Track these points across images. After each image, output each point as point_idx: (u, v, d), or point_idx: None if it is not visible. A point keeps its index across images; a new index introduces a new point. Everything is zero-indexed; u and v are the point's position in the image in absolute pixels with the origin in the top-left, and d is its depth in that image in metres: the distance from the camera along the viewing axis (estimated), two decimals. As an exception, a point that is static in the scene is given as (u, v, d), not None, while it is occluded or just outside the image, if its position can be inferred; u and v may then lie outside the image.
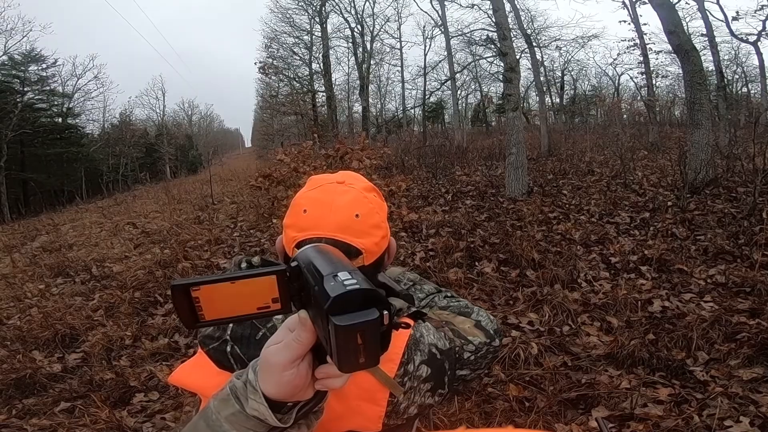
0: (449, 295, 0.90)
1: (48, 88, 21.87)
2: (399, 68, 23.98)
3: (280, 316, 0.63)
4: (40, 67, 21.35)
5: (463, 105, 26.62)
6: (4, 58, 19.19)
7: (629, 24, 13.62)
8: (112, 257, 5.87)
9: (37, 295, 4.60)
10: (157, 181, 25.93)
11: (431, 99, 24.21)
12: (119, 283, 4.54)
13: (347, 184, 0.70)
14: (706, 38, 12.51)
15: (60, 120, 22.65)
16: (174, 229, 7.07)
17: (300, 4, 17.80)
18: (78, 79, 22.89)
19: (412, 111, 24.61)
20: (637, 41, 13.85)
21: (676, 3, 8.78)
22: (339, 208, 0.66)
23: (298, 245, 0.65)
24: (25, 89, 20.66)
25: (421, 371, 0.66)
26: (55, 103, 22.59)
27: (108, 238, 7.51)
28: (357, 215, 0.66)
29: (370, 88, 20.72)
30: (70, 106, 23.15)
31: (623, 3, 13.57)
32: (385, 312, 0.40)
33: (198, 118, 41.93)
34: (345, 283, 0.40)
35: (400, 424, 0.67)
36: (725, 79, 14.23)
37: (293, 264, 0.46)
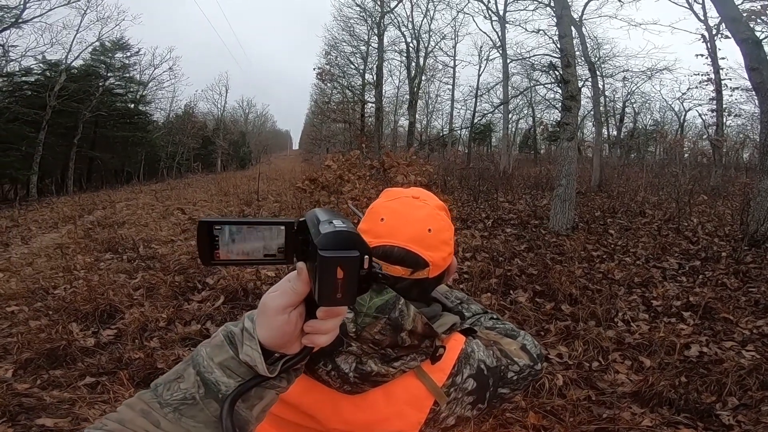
0: (495, 317, 0.92)
1: (128, 75, 23.64)
2: (450, 86, 24.03)
3: None
4: (124, 55, 23.15)
5: (513, 129, 26.18)
6: (97, 44, 20.86)
7: (706, 58, 12.88)
8: (159, 239, 6.18)
9: (85, 267, 4.90)
10: (208, 172, 27.30)
11: (481, 121, 24.02)
12: (162, 266, 4.76)
13: (422, 200, 0.75)
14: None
15: (132, 106, 24.35)
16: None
17: (361, 14, 18.33)
18: (154, 69, 24.62)
19: (459, 131, 24.42)
20: (712, 76, 13.06)
21: (763, 39, 8.23)
22: (414, 221, 0.70)
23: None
24: (108, 74, 22.40)
25: (468, 384, 0.70)
26: (131, 89, 24.33)
27: (157, 220, 7.95)
28: (429, 230, 0.70)
29: (418, 103, 20.85)
30: (144, 93, 24.89)
31: (702, 36, 12.87)
32: (366, 257, 0.45)
33: (254, 116, 43.87)
34: (336, 225, 0.46)
35: None
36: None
37: (302, 219, 0.51)
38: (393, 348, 0.64)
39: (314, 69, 20.43)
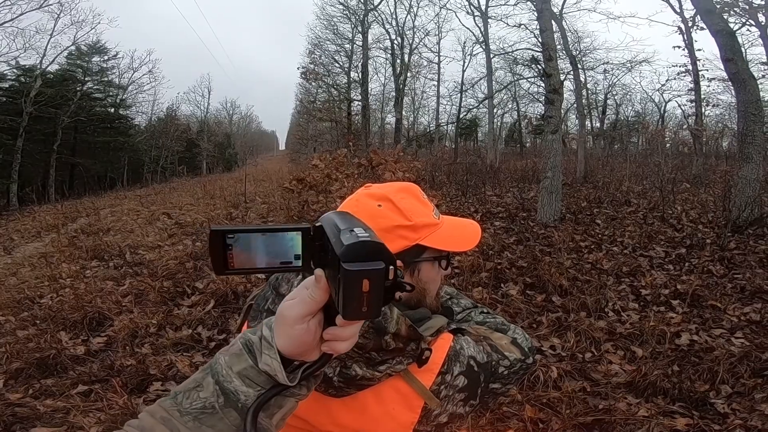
0: (485, 311, 0.92)
1: (106, 79, 23.15)
2: (435, 82, 24.06)
3: None
4: (102, 59, 22.69)
5: (498, 124, 26.36)
6: (72, 48, 20.40)
7: (683, 49, 13.14)
8: (146, 245, 6.09)
9: (71, 276, 4.81)
10: (193, 175, 26.95)
11: (467, 116, 24.14)
12: (150, 271, 4.70)
13: (365, 187, 0.78)
14: (767, 66, 11.93)
15: (112, 110, 23.88)
16: (207, 222, 7.29)
17: (345, 12, 18.26)
18: (134, 72, 24.16)
19: (445, 126, 24.52)
20: (689, 67, 13.32)
21: (737, 30, 8.42)
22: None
23: None
24: (86, 79, 21.92)
25: (458, 381, 0.69)
26: (111, 93, 23.86)
27: (143, 226, 7.82)
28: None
29: (404, 100, 20.87)
30: (124, 97, 24.42)
31: (678, 28, 13.10)
32: (391, 267, 0.43)
33: (238, 118, 43.36)
34: (359, 235, 0.43)
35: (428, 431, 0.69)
36: (783, 112, 13.47)
37: (317, 224, 0.50)
38: (377, 352, 0.63)
39: (298, 68, 20.27)
